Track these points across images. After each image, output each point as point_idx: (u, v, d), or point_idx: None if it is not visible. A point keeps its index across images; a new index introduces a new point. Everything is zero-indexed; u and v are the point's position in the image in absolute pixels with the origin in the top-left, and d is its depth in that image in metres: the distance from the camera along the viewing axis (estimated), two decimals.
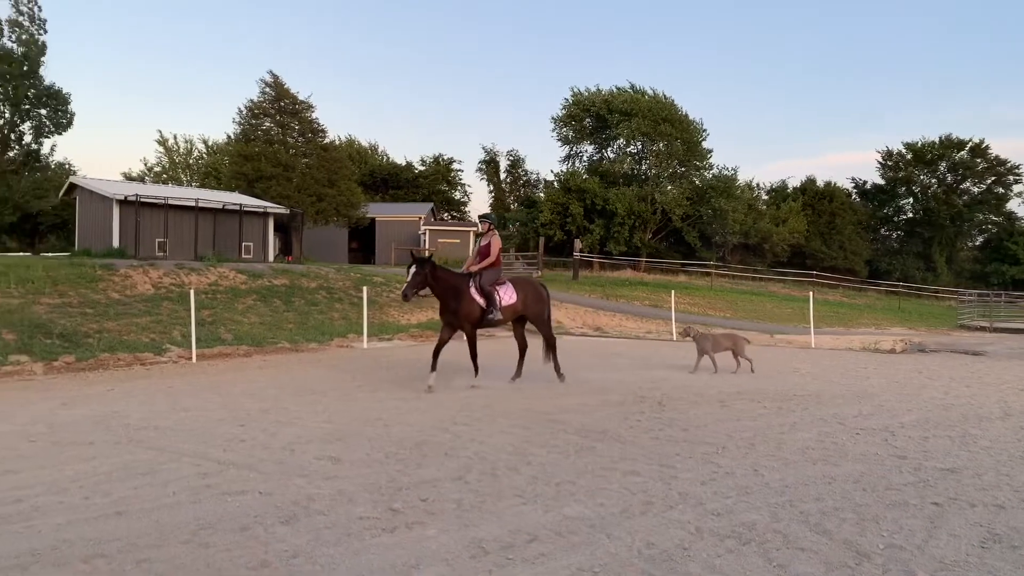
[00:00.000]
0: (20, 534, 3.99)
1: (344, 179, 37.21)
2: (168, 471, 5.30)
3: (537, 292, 10.36)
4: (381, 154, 63.74)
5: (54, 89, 31.28)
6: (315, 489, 4.86)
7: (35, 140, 31.70)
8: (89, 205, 28.04)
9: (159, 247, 25.30)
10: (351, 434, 6.61)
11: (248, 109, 36.59)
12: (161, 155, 57.65)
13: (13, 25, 30.17)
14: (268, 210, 29.85)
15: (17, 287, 14.14)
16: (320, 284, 19.97)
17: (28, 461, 5.57)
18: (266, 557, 3.68)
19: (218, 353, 13.25)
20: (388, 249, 40.32)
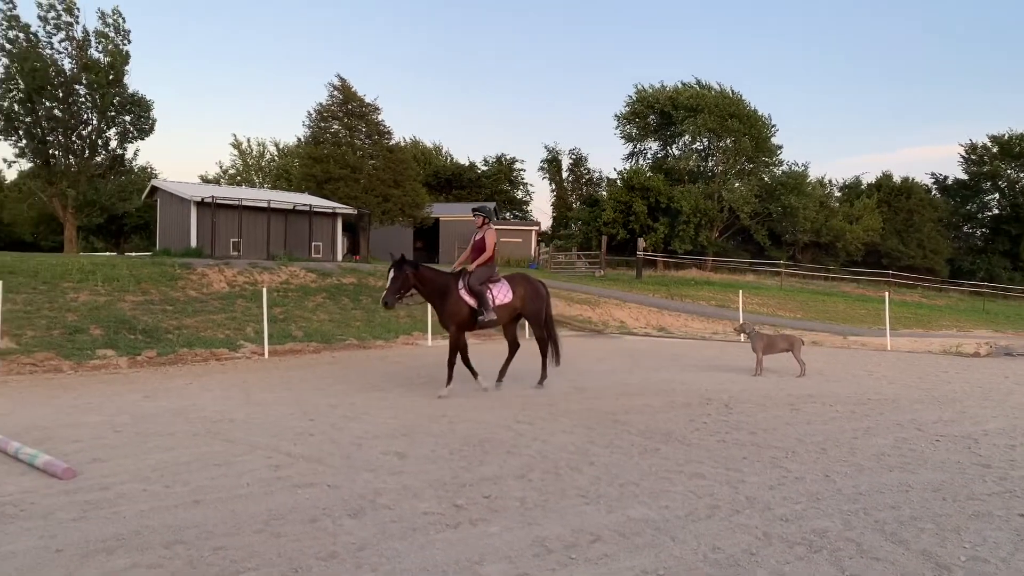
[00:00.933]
0: (107, 519, 4.21)
1: (409, 180, 37.81)
2: (242, 463, 5.50)
3: (535, 289, 9.64)
4: (445, 155, 64.53)
5: (137, 96, 32.81)
6: (381, 483, 4.96)
7: (120, 145, 33.30)
8: (169, 207, 29.36)
9: (233, 247, 26.27)
10: (416, 430, 6.72)
11: (317, 112, 37.60)
12: (235, 158, 59.91)
13: (100, 36, 31.80)
14: (337, 211, 30.60)
15: (104, 285, 14.91)
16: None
17: (114, 450, 5.87)
18: (335, 549, 3.78)
19: (289, 349, 13.67)
20: (452, 248, 40.74)
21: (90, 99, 31.50)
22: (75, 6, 31.27)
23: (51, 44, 30.86)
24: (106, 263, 17.29)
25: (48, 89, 30.05)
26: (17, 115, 30.25)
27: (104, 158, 32.95)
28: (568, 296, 24.12)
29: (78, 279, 14.83)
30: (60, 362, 10.99)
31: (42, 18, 30.62)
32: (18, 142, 30.85)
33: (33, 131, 30.65)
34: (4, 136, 30.51)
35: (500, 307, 9.06)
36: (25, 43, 29.98)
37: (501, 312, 9.09)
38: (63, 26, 31.03)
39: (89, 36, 31.58)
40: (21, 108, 30.21)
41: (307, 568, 3.52)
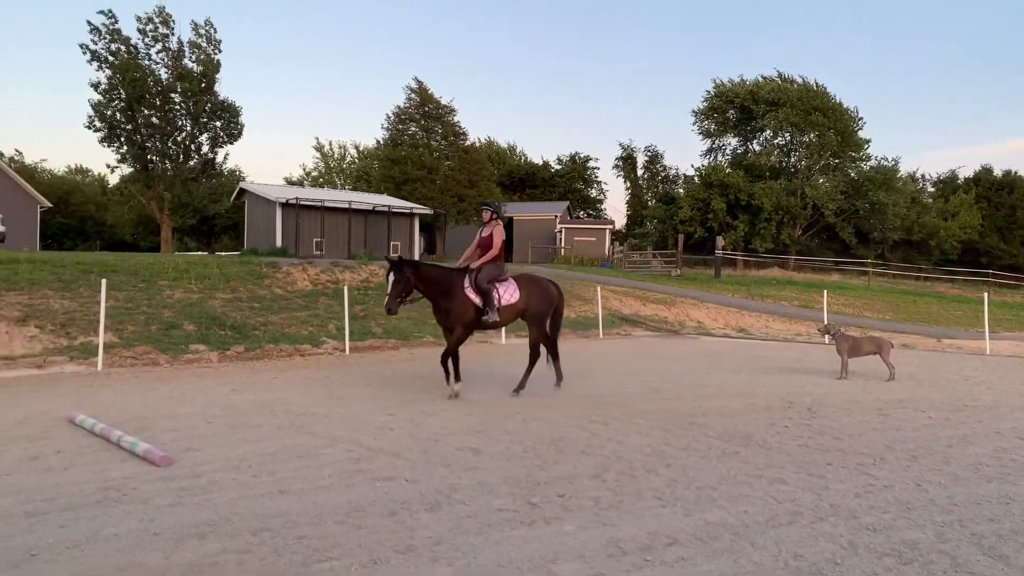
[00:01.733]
0: (200, 506, 4.44)
1: (484, 180, 38.21)
2: (324, 455, 5.69)
3: (544, 290, 9.09)
4: (519, 154, 64.83)
5: (227, 103, 34.40)
6: (457, 479, 5.04)
7: (211, 150, 35.03)
8: (256, 208, 30.62)
9: (316, 246, 27.18)
10: (491, 427, 6.78)
11: (395, 115, 38.46)
12: (318, 160, 61.98)
13: (193, 47, 33.49)
14: (414, 211, 31.22)
15: (197, 283, 15.69)
16: None
17: (206, 440, 6.18)
18: (412, 542, 3.86)
19: (369, 346, 14.05)
20: (525, 248, 40.92)
21: (184, 106, 33.22)
22: (171, 19, 33.05)
23: (149, 55, 32.74)
24: (198, 262, 18.17)
25: (146, 98, 31.87)
26: (119, 123, 32.22)
27: (196, 162, 34.70)
28: (643, 296, 23.82)
29: (173, 277, 15.66)
30: (157, 356, 11.64)
31: (141, 31, 32.50)
32: (120, 148, 32.86)
33: (133, 138, 32.57)
34: (108, 143, 32.55)
35: (505, 308, 8.58)
36: (126, 55, 31.88)
37: (506, 313, 8.62)
38: (160, 38, 32.85)
39: (183, 47, 33.33)
40: (123, 116, 32.16)
41: (385, 560, 3.62)
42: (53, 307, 12.36)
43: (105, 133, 32.30)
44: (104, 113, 31.99)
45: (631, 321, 20.38)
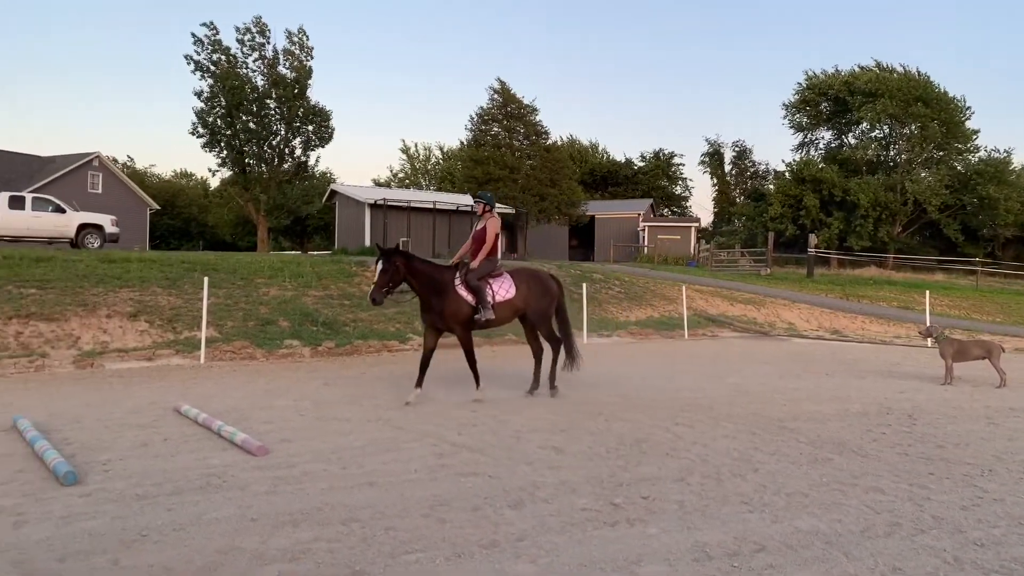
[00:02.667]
0: (293, 495, 4.63)
1: (565, 179, 38.09)
2: (410, 449, 5.83)
3: (543, 285, 8.61)
4: (601, 152, 64.31)
5: (318, 107, 35.68)
6: (539, 477, 5.05)
7: (304, 153, 36.43)
8: (346, 209, 31.66)
9: (402, 245, 27.86)
10: (573, 426, 6.77)
11: (478, 116, 38.85)
12: (404, 162, 63.43)
13: (287, 54, 34.91)
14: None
15: (291, 281, 16.35)
16: None
17: (299, 432, 6.44)
18: (495, 538, 3.91)
19: (453, 343, 14.20)
20: (607, 246, 40.55)
21: (279, 112, 34.68)
22: (267, 28, 34.55)
23: (247, 64, 34.34)
24: (292, 261, 18.93)
25: (244, 104, 33.46)
26: (220, 129, 33.96)
27: (290, 165, 36.16)
28: (730, 295, 23.19)
29: (269, 275, 16.38)
30: (254, 350, 12.21)
31: (239, 40, 34.14)
32: (220, 153, 34.64)
33: (232, 143, 34.27)
34: (209, 148, 34.38)
35: (501, 305, 8.09)
36: (226, 64, 33.58)
37: (502, 311, 8.12)
38: (256, 47, 34.41)
39: (278, 54, 34.79)
40: (223, 123, 33.88)
41: (470, 555, 3.67)
42: (161, 303, 13.16)
43: (207, 139, 34.12)
44: (206, 120, 33.80)
45: (718, 322, 19.89)
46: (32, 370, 10.12)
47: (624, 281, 22.38)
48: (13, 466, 5.18)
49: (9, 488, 4.67)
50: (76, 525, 4.01)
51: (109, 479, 4.89)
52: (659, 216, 50.93)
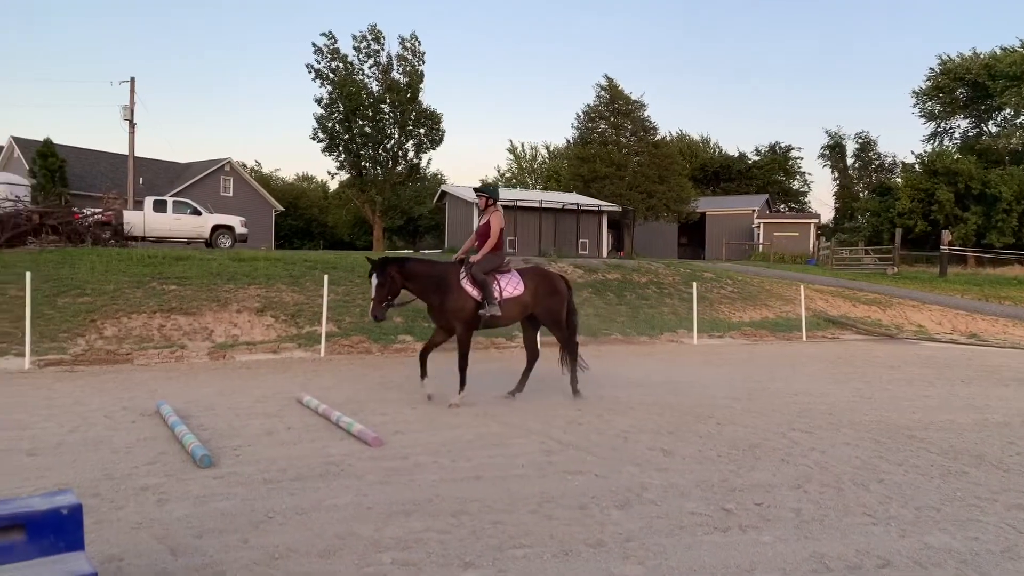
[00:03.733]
0: (405, 485, 4.80)
1: (674, 175, 37.31)
2: (517, 445, 5.90)
3: (551, 283, 8.28)
4: (713, 147, 62.43)
5: (430, 111, 36.68)
6: (647, 478, 4.99)
7: (416, 155, 37.58)
8: (455, 209, 32.39)
9: (508, 244, 28.19)
10: (683, 429, 6.63)
11: (585, 113, 38.75)
12: (511, 162, 64.10)
13: (400, 60, 36.10)
14: (602, 208, 31.29)
15: None
16: (650, 279, 20.32)
17: (411, 424, 6.66)
18: (602, 537, 3.89)
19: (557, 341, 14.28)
20: (719, 244, 39.37)
21: (392, 116, 35.94)
22: (381, 35, 35.87)
23: (363, 70, 35.79)
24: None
25: (360, 110, 34.89)
26: (338, 134, 35.60)
27: (403, 168, 37.39)
28: (853, 296, 21.94)
29: None
30: (370, 345, 12.73)
31: (356, 48, 35.64)
32: (338, 157, 36.32)
33: (350, 147, 35.83)
34: (328, 152, 36.11)
35: (508, 301, 7.72)
36: (344, 71, 35.14)
37: (509, 308, 7.75)
38: (372, 53, 35.80)
39: (392, 60, 36.04)
40: (341, 128, 35.49)
41: (576, 553, 3.68)
42: (285, 299, 13.97)
43: (326, 143, 35.86)
44: (326, 125, 35.52)
45: (839, 323, 18.85)
46: (172, 360, 11.01)
47: (737, 280, 21.65)
48: (157, 448, 5.66)
49: (154, 468, 5.10)
50: (211, 505, 4.33)
51: (239, 463, 5.25)
52: (775, 212, 48.87)
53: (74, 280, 13.62)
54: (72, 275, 13.88)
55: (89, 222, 19.89)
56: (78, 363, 10.47)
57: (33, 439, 5.89)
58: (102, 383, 8.90)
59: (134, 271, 14.36)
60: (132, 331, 11.94)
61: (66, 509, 2.76)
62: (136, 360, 10.84)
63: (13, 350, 10.66)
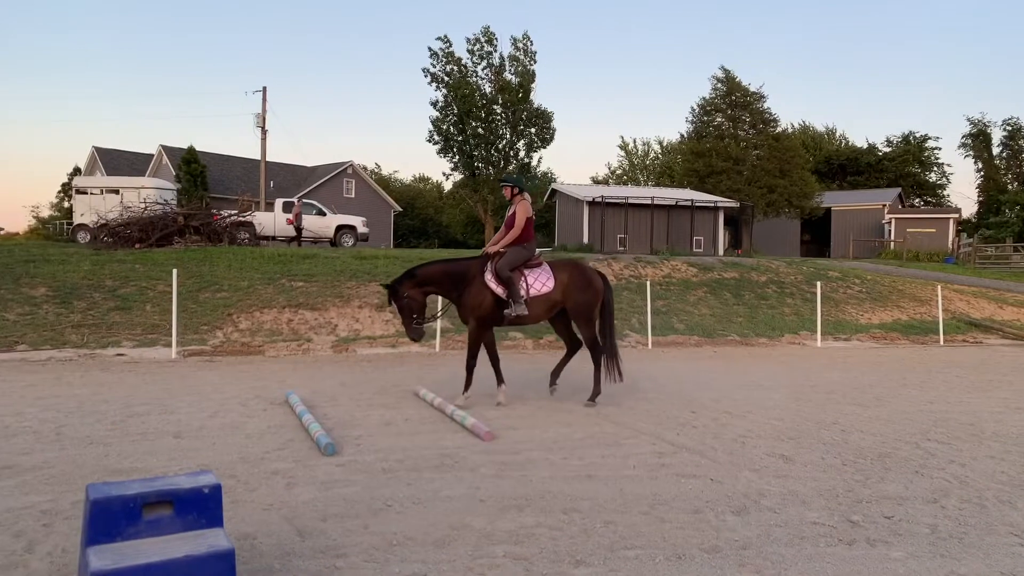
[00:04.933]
0: (518, 480, 4.86)
1: (796, 168, 35.63)
2: (629, 446, 5.84)
3: (585, 278, 7.58)
4: (839, 138, 59.12)
5: (541, 110, 36.90)
6: (765, 485, 4.80)
7: (527, 154, 37.93)
8: (565, 207, 32.41)
9: (620, 242, 27.89)
10: (804, 435, 6.33)
11: (700, 107, 37.69)
12: (622, 158, 63.35)
13: (512, 60, 36.52)
14: (718, 204, 30.33)
15: None
16: (770, 278, 19.52)
17: (522, 420, 6.74)
18: (717, 543, 3.78)
19: (671, 341, 14.02)
20: (845, 241, 37.21)
21: (504, 116, 36.44)
22: (494, 37, 36.43)
23: (476, 72, 36.48)
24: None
25: (474, 111, 35.60)
26: (452, 136, 36.50)
27: (514, 167, 37.80)
28: (999, 297, 20.16)
29: None
30: None
31: (470, 51, 36.38)
32: (452, 158, 37.26)
33: (463, 148, 36.67)
34: (443, 154, 37.12)
35: (536, 299, 7.28)
36: (458, 74, 35.96)
37: (536, 305, 7.31)
38: (485, 55, 36.43)
39: (504, 61, 36.53)
40: (455, 129, 36.37)
41: (690, 557, 3.60)
42: None
43: (441, 145, 36.87)
44: (440, 127, 36.51)
45: (982, 326, 17.36)
46: (300, 352, 11.68)
47: (866, 279, 20.40)
48: (286, 435, 6.03)
49: (283, 454, 5.44)
50: (334, 491, 4.56)
51: (360, 452, 5.50)
52: (909, 207, 45.61)
53: (213, 277, 14.73)
54: (212, 272, 15.02)
55: (227, 223, 21.42)
56: (217, 353, 11.33)
57: (178, 423, 6.43)
58: (237, 373, 9.58)
59: (265, 269, 15.36)
60: (264, 325, 12.77)
61: (207, 488, 3.00)
62: (267, 352, 11.59)
63: (162, 340, 11.67)
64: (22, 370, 9.54)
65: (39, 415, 6.65)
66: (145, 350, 11.35)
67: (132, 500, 2.83)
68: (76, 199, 25.99)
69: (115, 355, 10.99)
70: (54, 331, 11.95)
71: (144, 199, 21.69)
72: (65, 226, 32.11)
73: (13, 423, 6.30)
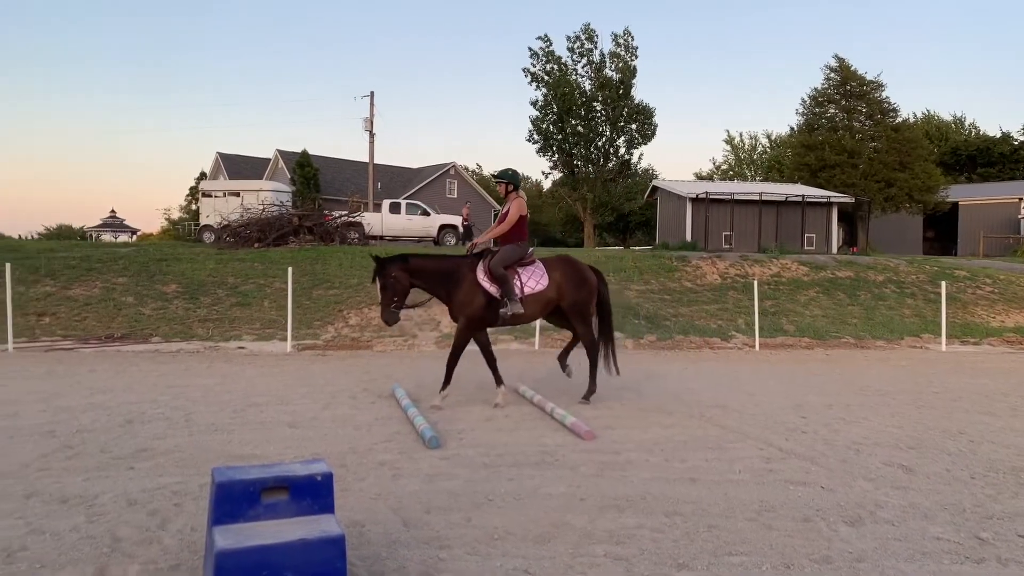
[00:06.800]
0: (617, 480, 4.82)
1: (918, 160, 33.40)
2: (734, 450, 5.66)
3: (580, 275, 7.43)
4: (968, 127, 54.86)
5: (642, 106, 36.33)
6: (883, 496, 4.54)
7: (627, 151, 37.45)
8: (667, 204, 31.76)
9: (725, 240, 27.04)
10: (927, 444, 5.94)
11: (811, 98, 35.99)
12: (727, 153, 61.40)
13: (613, 57, 36.13)
14: (831, 200, 28.88)
15: (614, 275, 16.96)
16: (888, 277, 18.38)
17: (622, 421, 6.67)
18: (828, 553, 3.62)
19: (780, 343, 13.48)
20: (974, 238, 34.55)
21: (604, 113, 36.14)
22: (595, 34, 36.18)
23: (575, 70, 36.35)
24: (615, 256, 19.61)
25: (573, 109, 35.50)
26: (552, 135, 36.54)
27: (614, 164, 37.47)
28: None
29: None
30: None
31: (570, 49, 36.32)
32: (552, 157, 37.29)
33: (563, 147, 36.64)
34: (542, 153, 37.22)
35: (531, 298, 7.13)
36: (558, 73, 35.96)
37: (532, 304, 7.16)
38: (585, 53, 36.25)
39: (604, 58, 36.20)
40: (554, 128, 36.40)
41: (799, 567, 3.46)
42: None
43: (541, 144, 36.97)
44: (540, 127, 36.63)
45: None
46: (405, 348, 12.06)
47: (998, 279, 18.85)
48: (392, 428, 6.25)
49: (390, 446, 5.63)
50: (438, 484, 4.69)
51: (463, 447, 5.62)
52: None
53: (325, 275, 15.44)
54: (324, 270, 15.75)
55: (338, 223, 22.39)
56: (328, 348, 11.87)
57: (293, 413, 6.79)
58: (347, 366, 10.00)
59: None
60: (372, 321, 13.25)
61: (320, 476, 3.15)
62: (375, 347, 12.03)
63: (278, 335, 12.35)
64: (156, 360, 10.35)
65: (171, 403, 7.19)
66: (263, 344, 12.06)
67: (252, 484, 3.01)
68: (202, 202, 27.88)
69: (236, 348, 11.73)
70: (183, 325, 12.90)
71: (262, 201, 23.01)
72: (192, 227, 34.50)
73: (149, 410, 6.85)
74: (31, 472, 4.80)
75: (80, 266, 15.49)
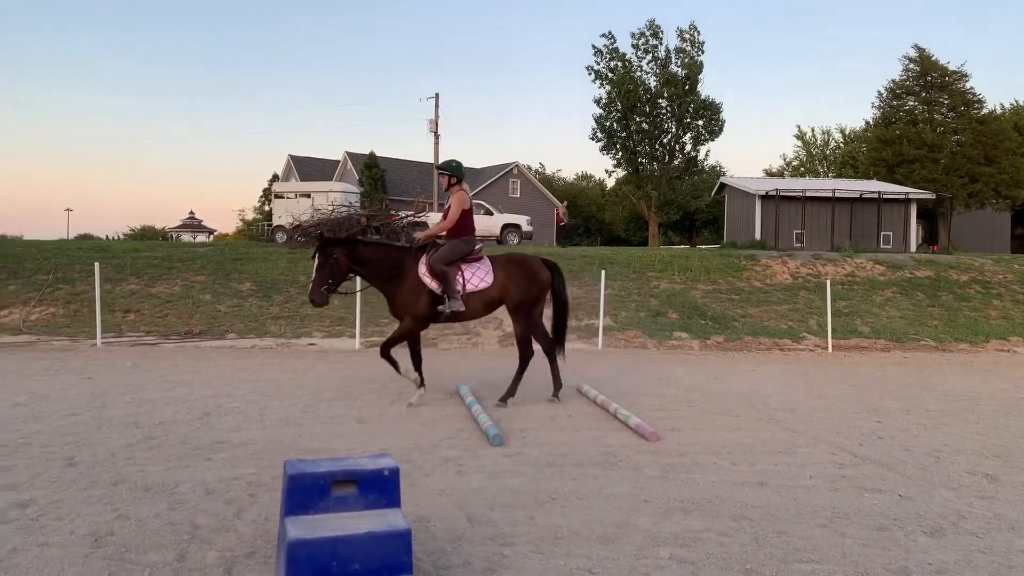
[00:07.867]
0: (683, 483, 4.75)
1: (1006, 154, 31.63)
2: (804, 454, 5.50)
3: (527, 273, 7.13)
4: None
5: (709, 101, 35.58)
6: (965, 506, 4.33)
7: (693, 148, 36.73)
8: (735, 202, 31.04)
9: (796, 238, 26.23)
10: (1014, 453, 5.63)
11: (888, 91, 34.55)
12: (799, 149, 59.52)
13: (679, 52, 35.51)
14: (910, 196, 27.65)
15: (680, 275, 16.70)
16: (972, 277, 17.49)
17: (687, 422, 6.56)
18: (906, 564, 3.48)
19: (854, 345, 13.01)
20: None
21: (669, 110, 35.54)
22: (660, 30, 35.63)
23: (640, 67, 35.89)
24: (681, 255, 19.29)
25: (638, 106, 35.06)
26: (615, 132, 36.19)
27: (680, 161, 36.80)
28: None
29: (659, 269, 16.97)
30: (645, 340, 12.80)
31: (634, 46, 35.85)
32: (615, 155, 36.92)
33: (627, 144, 36.23)
34: (606, 151, 36.89)
35: (473, 295, 6.92)
36: (622, 70, 35.59)
37: (474, 301, 6.94)
38: (650, 49, 35.73)
39: (670, 54, 35.63)
40: (618, 126, 36.03)
41: None
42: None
43: (604, 142, 36.65)
44: (604, 124, 36.30)
45: None
46: (469, 346, 12.17)
47: None
48: (456, 424, 6.32)
49: (453, 442, 5.70)
50: (501, 481, 4.72)
51: (526, 445, 5.64)
52: None
53: None
54: None
55: (404, 223, 22.77)
56: None
57: (361, 409, 6.95)
58: None
59: None
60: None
61: (387, 471, 3.21)
62: (440, 345, 12.19)
63: (347, 332, 12.65)
64: (231, 356, 10.76)
65: (246, 397, 7.47)
66: (333, 340, 12.38)
67: (323, 477, 3.09)
68: (274, 203, 28.77)
69: (307, 344, 12.09)
70: (257, 321, 13.36)
71: (332, 202, 23.60)
72: (266, 227, 35.69)
73: (225, 403, 7.13)
74: (118, 460, 5.06)
75: (162, 265, 16.24)
